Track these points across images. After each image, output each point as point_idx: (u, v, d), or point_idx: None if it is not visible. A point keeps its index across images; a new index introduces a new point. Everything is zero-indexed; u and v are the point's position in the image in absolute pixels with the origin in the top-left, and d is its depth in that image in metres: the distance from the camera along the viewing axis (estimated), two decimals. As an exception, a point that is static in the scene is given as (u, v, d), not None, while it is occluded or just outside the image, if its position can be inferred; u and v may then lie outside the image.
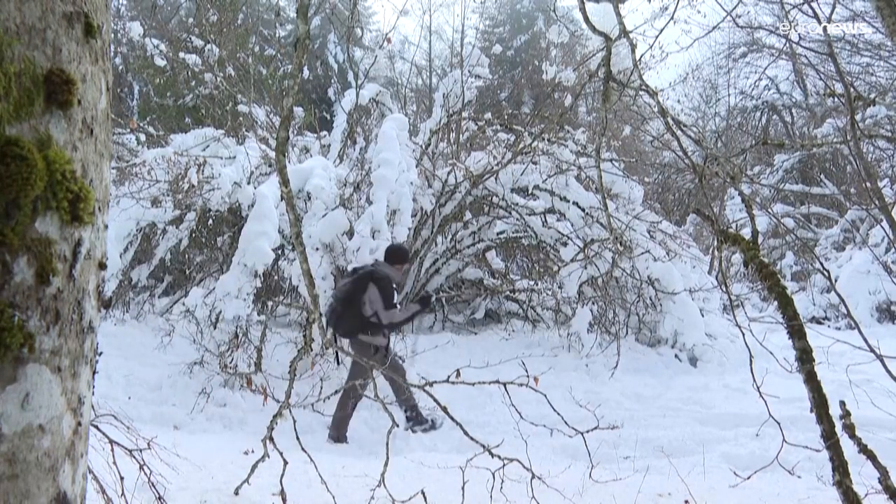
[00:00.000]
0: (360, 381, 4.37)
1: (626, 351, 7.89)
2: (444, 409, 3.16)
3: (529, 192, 9.03)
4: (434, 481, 4.04)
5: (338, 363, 6.22)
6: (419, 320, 10.00)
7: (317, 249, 7.03)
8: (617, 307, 8.51)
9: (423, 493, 3.09)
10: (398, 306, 5.62)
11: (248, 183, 8.26)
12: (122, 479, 2.75)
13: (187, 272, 10.07)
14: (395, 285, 5.69)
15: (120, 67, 16.08)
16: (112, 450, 2.80)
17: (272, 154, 8.45)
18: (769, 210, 13.58)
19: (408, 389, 5.44)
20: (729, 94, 20.81)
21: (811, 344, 2.46)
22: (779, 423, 2.82)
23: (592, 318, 8.33)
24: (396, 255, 5.80)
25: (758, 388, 2.69)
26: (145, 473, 2.88)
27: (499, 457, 3.02)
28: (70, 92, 0.84)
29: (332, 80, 19.61)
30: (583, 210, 8.56)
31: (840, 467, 2.27)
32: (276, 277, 8.94)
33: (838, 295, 3.19)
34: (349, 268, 6.35)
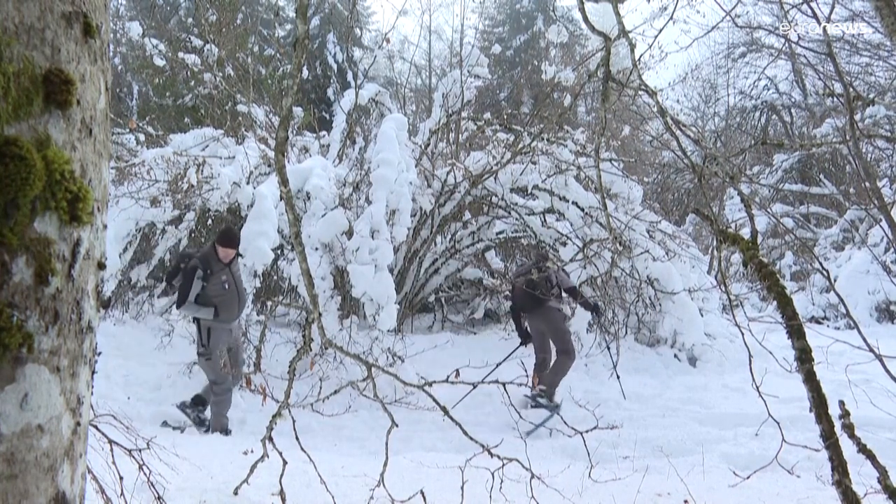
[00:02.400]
0: None
1: (625, 351, 7.89)
2: (444, 410, 3.16)
3: (529, 191, 9.03)
4: (433, 481, 4.04)
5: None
6: (419, 320, 10.00)
7: (316, 249, 7.03)
8: (616, 307, 8.51)
9: (422, 493, 3.09)
10: None
11: (248, 183, 8.26)
12: (121, 478, 2.75)
13: (187, 272, 10.06)
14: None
15: (119, 67, 16.09)
16: (111, 450, 2.80)
17: (271, 154, 8.45)
18: (768, 210, 13.59)
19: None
20: (728, 94, 20.83)
21: (810, 344, 2.46)
22: (778, 423, 2.82)
23: (592, 318, 8.34)
24: None
25: (757, 387, 2.69)
26: (144, 473, 2.87)
27: (498, 457, 3.02)
28: (69, 92, 0.84)
29: (332, 80, 19.61)
30: (582, 210, 8.56)
31: (839, 467, 2.27)
32: (275, 277, 8.94)
33: (837, 295, 3.18)
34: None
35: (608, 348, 7.53)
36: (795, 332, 2.43)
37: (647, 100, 3.92)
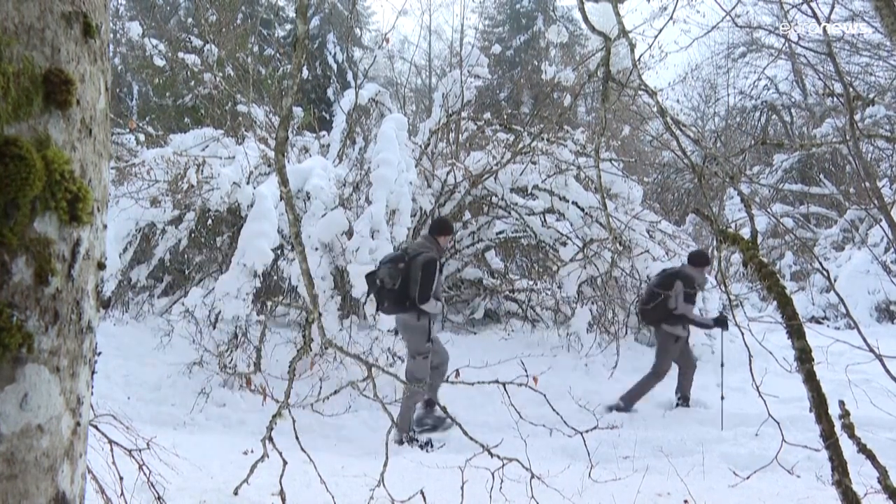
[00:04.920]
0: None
1: (625, 351, 7.89)
2: (444, 409, 3.17)
3: (529, 191, 9.03)
4: (433, 481, 4.04)
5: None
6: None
7: (316, 249, 7.03)
8: (616, 307, 8.51)
9: (422, 493, 3.09)
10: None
11: (248, 183, 8.26)
12: (121, 479, 2.75)
13: (186, 272, 10.07)
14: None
15: (119, 67, 16.07)
16: (111, 450, 2.80)
17: (271, 154, 8.45)
18: (768, 210, 13.59)
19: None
20: (728, 94, 20.85)
21: (810, 343, 2.46)
22: (778, 423, 2.82)
23: (592, 318, 8.34)
24: None
25: (757, 387, 2.70)
26: (144, 473, 2.87)
27: (498, 457, 3.02)
28: (69, 92, 0.84)
29: (332, 80, 19.60)
30: (582, 210, 8.56)
31: (839, 467, 2.27)
32: (275, 277, 8.94)
33: (837, 295, 3.18)
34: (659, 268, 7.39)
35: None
36: (795, 332, 2.43)
37: (647, 100, 3.92)
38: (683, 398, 6.55)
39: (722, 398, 5.98)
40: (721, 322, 6.41)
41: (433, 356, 5.62)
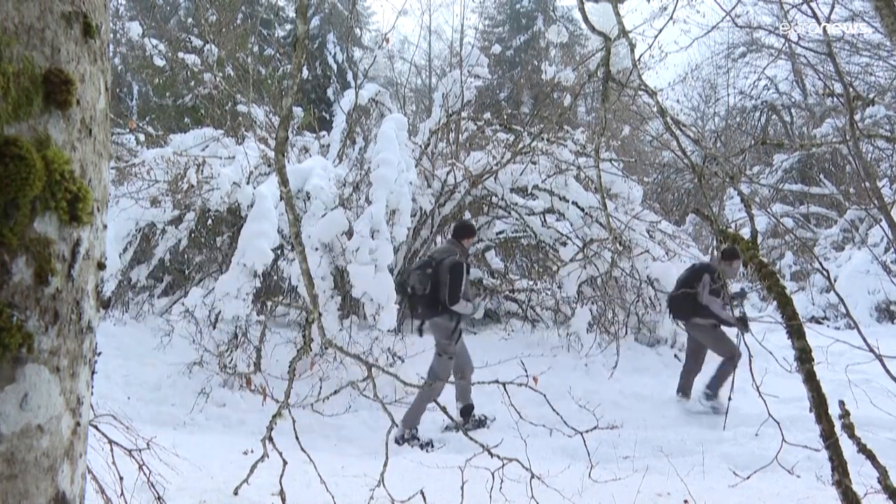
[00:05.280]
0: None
1: (625, 351, 7.88)
2: (444, 410, 3.17)
3: (529, 191, 9.03)
4: (433, 481, 4.04)
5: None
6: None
7: (316, 249, 7.03)
8: (616, 307, 8.51)
9: (422, 493, 3.09)
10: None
11: (248, 183, 8.26)
12: (121, 479, 2.75)
13: (186, 272, 10.07)
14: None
15: (119, 67, 16.08)
16: (111, 450, 2.80)
17: (271, 154, 8.45)
18: (768, 210, 13.59)
19: None
20: (728, 94, 20.85)
21: (810, 343, 2.46)
22: (778, 423, 2.82)
23: (592, 318, 8.33)
24: None
25: (757, 387, 2.69)
26: (144, 473, 2.87)
27: (498, 457, 3.02)
28: (69, 92, 0.84)
29: (332, 80, 19.60)
30: (582, 210, 8.56)
31: (839, 467, 2.27)
32: (275, 277, 8.94)
33: (837, 295, 3.18)
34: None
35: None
36: (795, 331, 2.43)
37: (647, 100, 3.92)
38: (682, 390, 6.62)
39: (730, 399, 5.97)
40: (743, 322, 6.38)
41: (458, 361, 5.73)
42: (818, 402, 2.33)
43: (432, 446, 5.47)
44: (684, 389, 6.64)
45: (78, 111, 0.87)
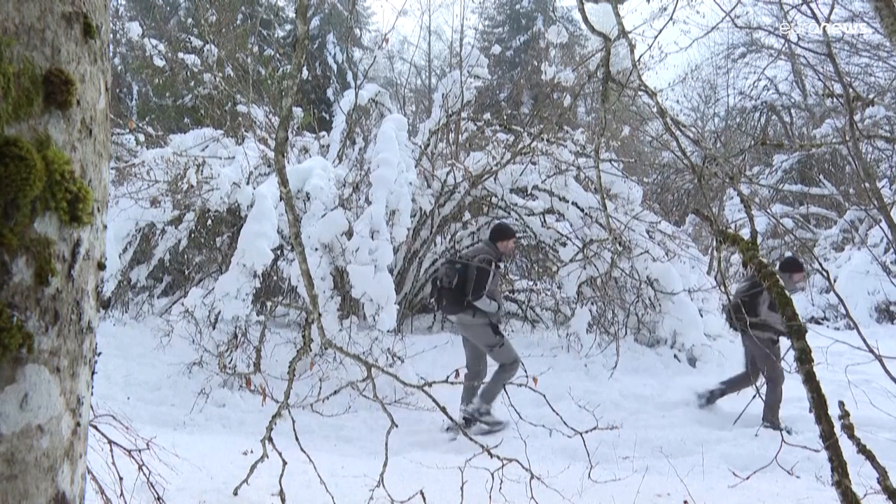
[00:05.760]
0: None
1: (625, 351, 7.88)
2: (444, 410, 3.16)
3: (528, 192, 9.03)
4: (433, 481, 4.04)
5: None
6: (418, 321, 10.01)
7: (316, 250, 7.03)
8: (616, 307, 8.51)
9: (422, 493, 3.09)
10: None
11: (247, 183, 8.26)
12: (121, 479, 2.75)
13: (186, 272, 10.07)
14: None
15: (119, 68, 16.08)
16: (111, 450, 2.80)
17: (271, 154, 8.45)
18: (768, 210, 13.58)
19: None
20: (728, 95, 20.85)
21: (810, 344, 2.46)
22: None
23: (591, 319, 8.33)
24: None
25: (757, 388, 2.70)
26: (144, 474, 2.87)
27: (498, 457, 3.02)
28: (69, 92, 0.84)
29: (331, 81, 19.61)
30: (582, 210, 8.56)
31: (839, 467, 2.27)
32: (275, 278, 8.94)
33: (837, 295, 3.18)
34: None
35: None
36: (795, 332, 2.43)
37: (647, 100, 3.92)
38: (713, 395, 6.36)
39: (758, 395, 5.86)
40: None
41: (472, 362, 5.87)
42: (818, 403, 2.34)
43: (500, 426, 5.57)
44: (714, 394, 6.36)
45: (78, 111, 0.87)
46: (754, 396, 5.74)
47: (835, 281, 11.86)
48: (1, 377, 0.78)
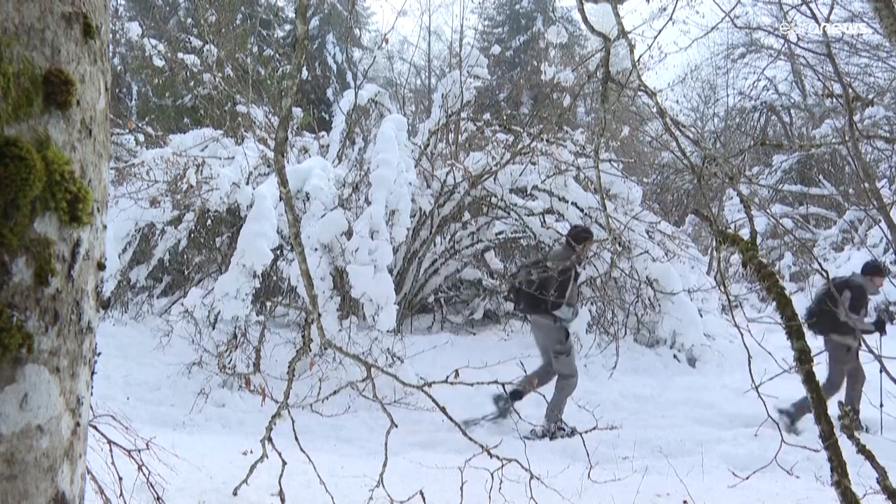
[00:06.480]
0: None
1: (624, 351, 7.88)
2: (443, 410, 3.16)
3: (528, 192, 9.03)
4: (433, 482, 4.04)
5: None
6: (418, 321, 10.01)
7: (315, 250, 7.03)
8: (616, 307, 8.51)
9: (421, 493, 3.09)
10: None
11: (247, 183, 8.26)
12: (120, 479, 2.75)
13: (186, 272, 10.07)
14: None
15: (118, 68, 16.06)
16: (111, 450, 2.80)
17: (271, 154, 8.44)
18: (768, 210, 13.59)
19: None
20: (727, 95, 20.84)
21: (810, 344, 2.46)
22: (777, 424, 2.83)
23: (591, 319, 8.33)
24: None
25: (756, 388, 2.70)
26: (144, 474, 2.87)
27: (497, 457, 3.02)
28: (69, 92, 0.84)
29: (331, 81, 19.59)
30: (581, 210, 8.56)
31: (838, 467, 2.27)
32: (274, 278, 8.93)
33: (837, 295, 3.18)
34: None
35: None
36: (795, 332, 2.43)
37: (647, 100, 3.92)
38: (854, 410, 6.07)
39: (881, 405, 5.66)
40: (880, 325, 6.19)
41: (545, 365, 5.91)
42: (817, 403, 2.34)
43: (574, 432, 5.55)
44: (801, 411, 6.04)
45: (78, 112, 0.87)
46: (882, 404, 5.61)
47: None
48: (1, 377, 0.78)
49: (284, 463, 3.11)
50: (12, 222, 0.78)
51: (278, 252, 8.17)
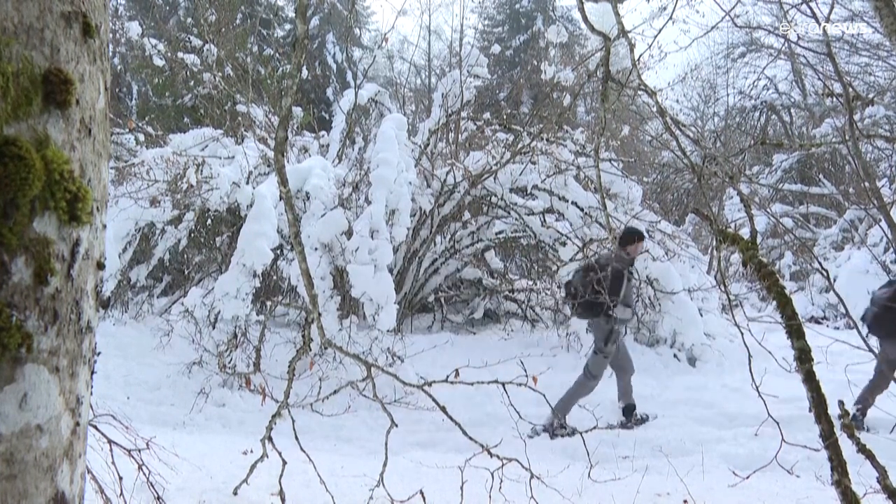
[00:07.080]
0: None
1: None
2: (443, 410, 3.16)
3: (528, 191, 9.02)
4: (433, 481, 4.04)
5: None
6: (418, 320, 10.01)
7: (315, 249, 7.03)
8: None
9: (421, 493, 3.09)
10: None
11: (247, 183, 8.26)
12: (120, 479, 2.75)
13: (186, 272, 10.07)
14: None
15: (118, 67, 16.06)
16: (111, 450, 2.80)
17: (271, 154, 8.44)
18: (768, 210, 13.59)
19: None
20: (728, 94, 20.83)
21: (810, 344, 2.46)
22: (777, 423, 2.82)
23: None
24: None
25: (756, 387, 2.69)
26: (144, 473, 2.87)
27: (498, 457, 3.02)
28: (68, 92, 0.84)
29: (331, 80, 19.59)
30: (581, 210, 8.56)
31: (839, 467, 2.27)
32: (274, 277, 8.94)
33: (837, 295, 3.18)
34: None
35: None
36: (795, 332, 2.43)
37: (647, 100, 3.92)
38: (862, 410, 5.98)
39: None
40: None
41: (619, 361, 6.01)
42: (818, 402, 2.33)
43: (576, 432, 5.56)
44: (864, 407, 5.95)
45: (77, 111, 0.87)
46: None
47: (834, 280, 11.85)
48: (0, 377, 0.78)
49: (284, 462, 3.11)
50: (11, 222, 0.78)
51: (278, 251, 8.17)
